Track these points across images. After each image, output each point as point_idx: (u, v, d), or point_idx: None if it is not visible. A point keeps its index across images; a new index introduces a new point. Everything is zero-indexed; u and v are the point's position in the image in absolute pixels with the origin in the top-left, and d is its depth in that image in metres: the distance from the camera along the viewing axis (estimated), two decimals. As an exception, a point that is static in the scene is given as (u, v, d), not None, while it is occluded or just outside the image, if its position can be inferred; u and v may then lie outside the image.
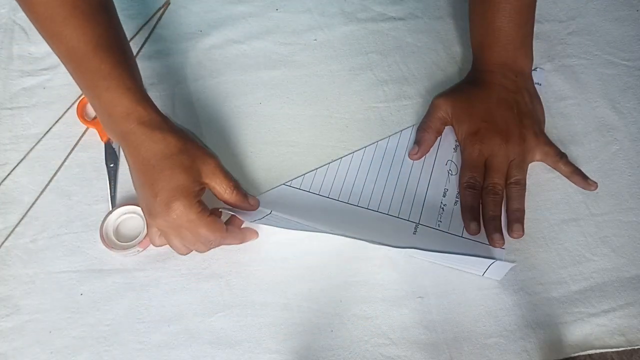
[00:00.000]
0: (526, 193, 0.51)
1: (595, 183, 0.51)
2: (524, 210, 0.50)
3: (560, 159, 0.52)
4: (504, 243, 0.48)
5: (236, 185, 0.47)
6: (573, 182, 0.52)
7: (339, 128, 0.56)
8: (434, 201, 0.52)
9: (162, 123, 0.45)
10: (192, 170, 0.45)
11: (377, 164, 0.54)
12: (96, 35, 0.44)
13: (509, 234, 0.49)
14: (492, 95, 0.53)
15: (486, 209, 0.50)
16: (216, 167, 0.46)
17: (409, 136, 0.55)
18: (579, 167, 0.52)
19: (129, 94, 0.44)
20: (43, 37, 0.46)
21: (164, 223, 0.44)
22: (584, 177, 0.51)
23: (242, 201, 0.48)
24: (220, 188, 0.46)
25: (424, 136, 0.53)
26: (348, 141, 0.55)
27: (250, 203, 0.48)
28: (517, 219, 0.49)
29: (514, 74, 0.53)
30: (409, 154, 0.54)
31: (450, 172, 0.53)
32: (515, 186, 0.50)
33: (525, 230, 0.49)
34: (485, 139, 0.51)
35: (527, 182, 0.51)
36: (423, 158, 0.54)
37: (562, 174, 0.52)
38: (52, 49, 0.46)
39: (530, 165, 0.52)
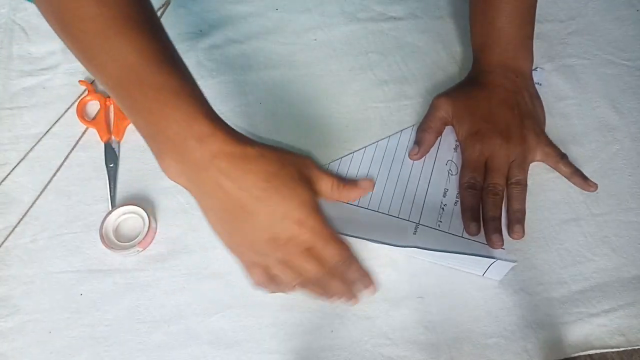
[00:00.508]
0: (527, 193, 0.51)
1: (595, 184, 0.51)
2: (524, 211, 0.50)
3: (560, 159, 0.52)
4: (502, 244, 0.48)
5: (339, 177, 0.44)
6: (573, 183, 0.52)
7: (339, 128, 0.56)
8: (434, 201, 0.51)
9: (246, 139, 0.38)
10: (305, 180, 0.40)
11: (377, 164, 0.54)
12: (156, 49, 0.37)
13: (509, 234, 0.49)
14: (493, 96, 0.53)
15: (486, 210, 0.50)
16: (315, 167, 0.41)
17: (409, 136, 0.55)
18: (580, 168, 0.52)
19: (206, 111, 0.37)
20: (86, 57, 0.38)
21: (290, 250, 0.38)
22: (584, 178, 0.51)
23: (352, 189, 0.45)
24: (327, 187, 0.42)
25: (424, 136, 0.53)
26: (348, 141, 0.55)
27: (364, 187, 0.47)
28: (517, 220, 0.49)
29: (515, 74, 0.53)
30: (409, 154, 0.54)
31: (450, 172, 0.53)
32: (517, 186, 0.50)
33: (525, 230, 0.49)
34: (486, 139, 0.51)
35: (527, 182, 0.51)
36: (423, 158, 0.54)
37: (562, 174, 0.52)
38: (96, 71, 0.38)
39: (530, 165, 0.52)
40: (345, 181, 0.44)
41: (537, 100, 0.54)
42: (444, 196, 0.52)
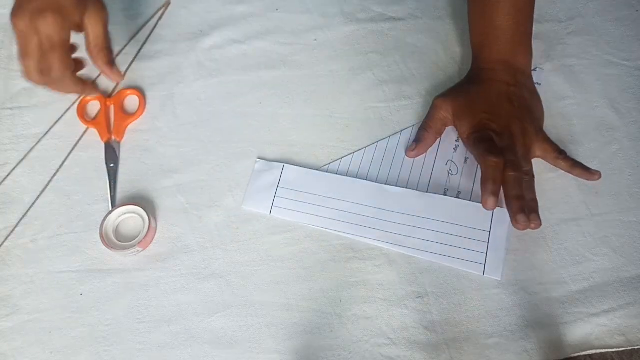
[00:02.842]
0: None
1: (598, 172, 0.50)
2: (537, 200, 0.49)
3: (559, 154, 0.51)
4: (528, 226, 0.46)
5: (110, 47, 0.52)
6: (575, 176, 0.51)
7: (339, 128, 0.56)
8: (434, 201, 0.52)
9: None
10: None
11: (377, 165, 0.54)
12: None
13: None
14: (492, 91, 0.52)
15: (508, 187, 0.48)
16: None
17: (409, 136, 0.55)
18: (579, 164, 0.52)
19: None
20: None
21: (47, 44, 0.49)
22: (586, 169, 0.51)
23: (106, 63, 0.52)
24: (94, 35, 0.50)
25: (423, 135, 0.53)
26: (348, 141, 0.55)
27: (114, 73, 0.53)
28: (532, 209, 0.48)
29: (514, 71, 0.53)
30: (406, 151, 0.53)
31: (450, 172, 0.53)
32: (525, 177, 0.49)
33: (525, 230, 0.49)
34: (489, 129, 0.51)
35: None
36: (423, 158, 0.54)
37: (563, 169, 0.52)
38: None
39: (530, 165, 0.52)
40: (109, 53, 0.52)
41: (536, 98, 0.54)
42: (445, 196, 0.52)
